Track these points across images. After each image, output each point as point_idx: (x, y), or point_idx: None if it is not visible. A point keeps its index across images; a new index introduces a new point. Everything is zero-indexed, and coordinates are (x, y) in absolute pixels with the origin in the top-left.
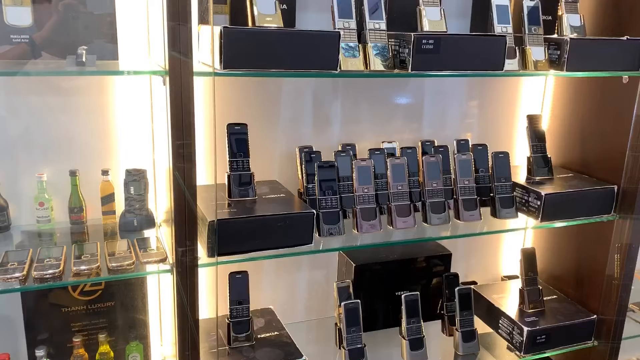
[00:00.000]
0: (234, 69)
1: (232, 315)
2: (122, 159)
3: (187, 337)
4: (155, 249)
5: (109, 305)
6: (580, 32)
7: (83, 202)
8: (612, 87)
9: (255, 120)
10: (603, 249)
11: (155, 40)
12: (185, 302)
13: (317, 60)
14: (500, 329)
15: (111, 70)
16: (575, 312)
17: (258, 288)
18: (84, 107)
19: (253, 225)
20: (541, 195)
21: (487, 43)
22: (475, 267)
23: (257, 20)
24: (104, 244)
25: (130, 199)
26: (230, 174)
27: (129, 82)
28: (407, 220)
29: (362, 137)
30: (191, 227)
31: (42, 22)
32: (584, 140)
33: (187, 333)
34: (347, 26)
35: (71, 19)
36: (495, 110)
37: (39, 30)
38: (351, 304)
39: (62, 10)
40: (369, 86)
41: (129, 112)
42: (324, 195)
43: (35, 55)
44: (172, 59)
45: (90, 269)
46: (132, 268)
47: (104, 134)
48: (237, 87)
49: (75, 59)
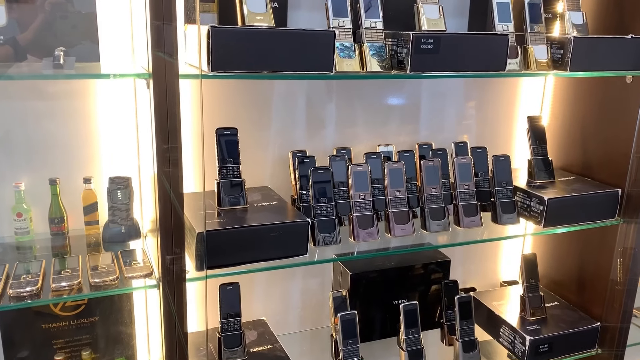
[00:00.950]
0: (222, 71)
1: (223, 328)
2: (105, 166)
3: (176, 352)
4: (140, 262)
5: (92, 321)
6: (583, 30)
7: (64, 212)
8: (615, 87)
9: (245, 124)
10: (606, 254)
11: (139, 40)
12: (173, 315)
13: (311, 61)
14: (501, 337)
15: (92, 73)
16: (578, 319)
17: (250, 298)
18: (64, 111)
19: (244, 236)
20: (544, 200)
21: (489, 42)
22: (474, 272)
23: (247, 19)
24: (86, 257)
25: (114, 208)
26: (220, 181)
27: (111, 85)
28: (405, 228)
29: (357, 140)
30: (178, 237)
31: (26, 23)
32: (586, 141)
33: (175, 348)
34: (342, 25)
35: (58, 19)
36: (493, 112)
37: (22, 31)
38: (348, 315)
39: (49, 10)
40: (364, 87)
41: (112, 116)
42: (318, 203)
43: (19, 58)
44: (157, 60)
45: (71, 286)
46: (115, 284)
47: (85, 139)
48: (226, 89)
49: (52, 61)
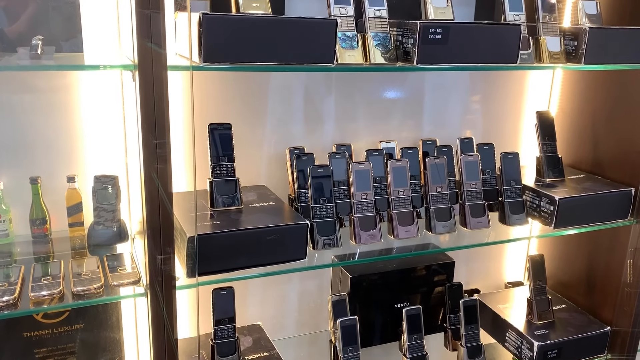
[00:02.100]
0: (215, 62)
1: (217, 335)
2: (90, 164)
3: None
4: (128, 268)
5: (77, 328)
6: (597, 20)
7: (46, 213)
8: (628, 80)
9: (239, 119)
10: (617, 255)
11: (125, 29)
12: (163, 322)
13: (311, 52)
14: (507, 342)
15: (74, 64)
16: (587, 322)
17: (245, 301)
18: (45, 105)
19: (239, 239)
20: (555, 200)
21: (501, 33)
22: (477, 272)
23: (242, 7)
24: (69, 262)
25: (100, 209)
26: (213, 181)
27: (96, 77)
28: (409, 229)
29: (358, 135)
30: (167, 241)
31: (16, 14)
32: (596, 137)
33: (165, 357)
34: (344, 13)
35: (39, 5)
36: (499, 106)
37: (10, 23)
38: (348, 320)
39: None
40: (365, 80)
41: (97, 110)
42: (318, 203)
43: (6, 50)
44: (144, 50)
45: (52, 295)
46: (100, 292)
47: (68, 135)
48: (218, 81)
49: (29, 50)
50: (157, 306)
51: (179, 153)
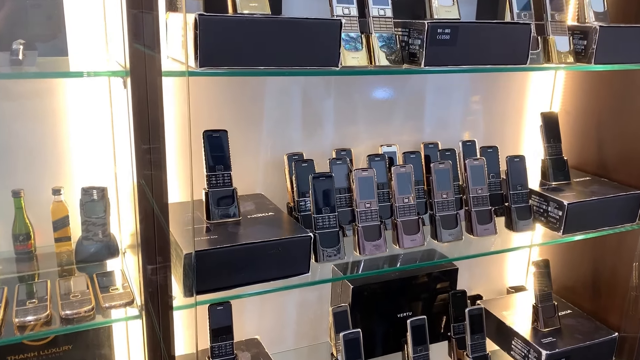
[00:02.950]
0: (212, 67)
1: (214, 353)
2: (78, 175)
3: None
4: (120, 288)
5: (65, 350)
6: (604, 18)
7: (30, 228)
8: (635, 80)
9: (234, 124)
10: (624, 259)
11: (113, 31)
12: (159, 343)
13: (314, 55)
14: (513, 350)
15: (58, 71)
16: (594, 329)
17: (242, 314)
18: (28, 112)
19: (239, 255)
20: (564, 205)
21: (511, 32)
22: (479, 277)
23: (239, 7)
24: (56, 282)
25: (88, 222)
26: (209, 191)
27: (83, 83)
28: (415, 238)
29: (357, 139)
30: (162, 257)
31: None
32: (602, 139)
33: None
34: (347, 13)
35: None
36: (500, 107)
37: None
38: (351, 334)
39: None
40: (364, 81)
41: (84, 118)
42: (320, 213)
43: None
44: (135, 54)
45: (38, 319)
46: (91, 315)
47: (54, 145)
48: (212, 85)
49: (9, 56)
50: (151, 326)
51: (171, 162)
